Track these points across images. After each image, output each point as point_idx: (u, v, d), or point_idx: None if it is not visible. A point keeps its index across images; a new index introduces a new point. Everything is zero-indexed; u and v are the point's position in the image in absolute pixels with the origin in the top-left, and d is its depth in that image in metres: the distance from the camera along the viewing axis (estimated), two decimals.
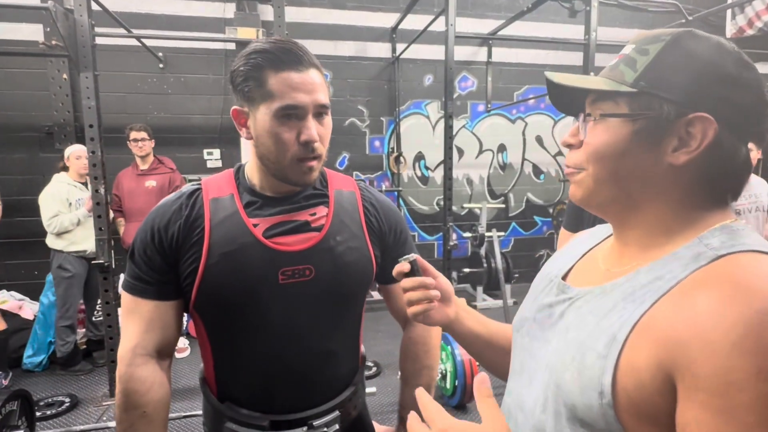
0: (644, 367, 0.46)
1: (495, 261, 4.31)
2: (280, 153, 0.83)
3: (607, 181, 0.57)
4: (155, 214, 0.88)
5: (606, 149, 0.56)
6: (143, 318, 0.87)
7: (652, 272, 0.53)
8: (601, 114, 0.56)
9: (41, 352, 3.45)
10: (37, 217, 3.34)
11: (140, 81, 4.33)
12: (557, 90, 0.62)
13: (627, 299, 0.52)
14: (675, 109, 0.51)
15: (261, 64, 0.80)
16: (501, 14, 5.03)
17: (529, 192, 5.62)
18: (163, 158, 3.78)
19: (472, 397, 2.78)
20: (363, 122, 5.00)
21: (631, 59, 0.55)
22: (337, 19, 4.74)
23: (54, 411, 2.85)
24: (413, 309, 0.75)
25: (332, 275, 0.89)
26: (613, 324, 0.51)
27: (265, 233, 0.86)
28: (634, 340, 0.48)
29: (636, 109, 0.54)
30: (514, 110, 5.42)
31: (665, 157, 0.53)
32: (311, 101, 0.81)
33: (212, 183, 0.92)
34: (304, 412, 0.91)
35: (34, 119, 4.10)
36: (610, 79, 0.56)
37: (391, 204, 1.04)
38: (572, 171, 0.61)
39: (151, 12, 4.26)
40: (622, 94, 0.54)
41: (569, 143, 0.61)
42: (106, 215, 2.86)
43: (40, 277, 3.92)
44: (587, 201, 0.60)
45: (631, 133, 0.54)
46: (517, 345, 0.69)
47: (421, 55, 4.91)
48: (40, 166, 4.10)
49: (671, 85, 0.52)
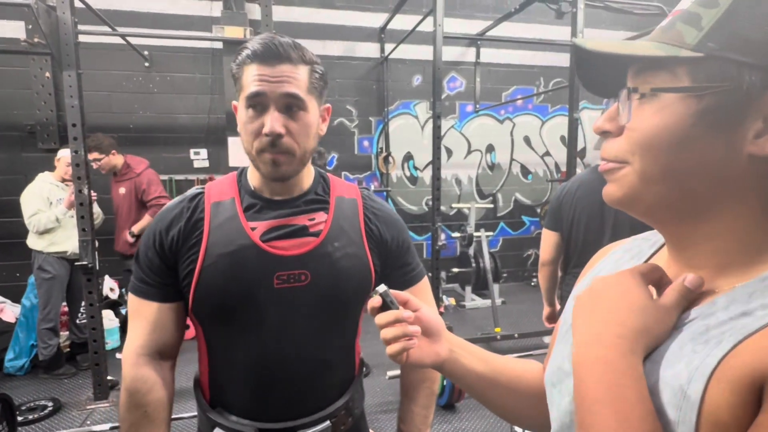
0: (730, 420, 0.35)
1: (483, 261, 4.33)
2: (248, 144, 0.84)
3: (660, 179, 0.43)
4: (158, 218, 0.90)
5: (659, 136, 0.42)
6: (147, 319, 0.88)
7: (734, 305, 0.39)
8: (653, 89, 0.42)
9: (23, 356, 3.38)
10: (18, 218, 3.28)
11: (125, 80, 4.28)
12: (589, 62, 0.48)
13: (697, 340, 0.39)
14: (761, 78, 0.37)
15: (242, 59, 0.83)
16: (489, 15, 5.06)
17: (517, 192, 5.66)
18: (132, 161, 3.58)
19: (459, 397, 2.79)
20: (352, 122, 4.99)
21: (694, 15, 0.40)
22: (326, 18, 4.73)
23: (36, 415, 2.79)
24: (390, 349, 0.61)
25: (328, 281, 0.88)
26: (679, 374, 0.38)
27: (263, 237, 0.86)
28: (712, 393, 0.36)
29: (703, 81, 0.39)
30: (502, 111, 5.45)
31: (745, 145, 0.39)
32: (275, 92, 0.80)
33: (215, 187, 0.93)
34: (294, 421, 0.89)
35: (16, 118, 4.03)
36: (665, 42, 0.41)
37: (393, 213, 1.03)
38: (612, 166, 0.46)
39: (136, 10, 4.20)
40: (683, 60, 0.40)
41: (605, 129, 0.46)
42: (89, 216, 2.81)
43: (21, 279, 3.85)
44: (630, 204, 0.46)
45: (696, 113, 0.40)
46: (554, 404, 0.54)
47: (410, 55, 4.92)
48: (22, 165, 4.03)
49: (754, 46, 0.37)
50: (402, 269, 1.00)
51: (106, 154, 3.43)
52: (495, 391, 0.67)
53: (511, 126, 5.51)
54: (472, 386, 0.68)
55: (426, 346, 0.65)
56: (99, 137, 3.42)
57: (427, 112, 5.17)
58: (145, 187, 3.52)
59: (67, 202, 3.18)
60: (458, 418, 2.80)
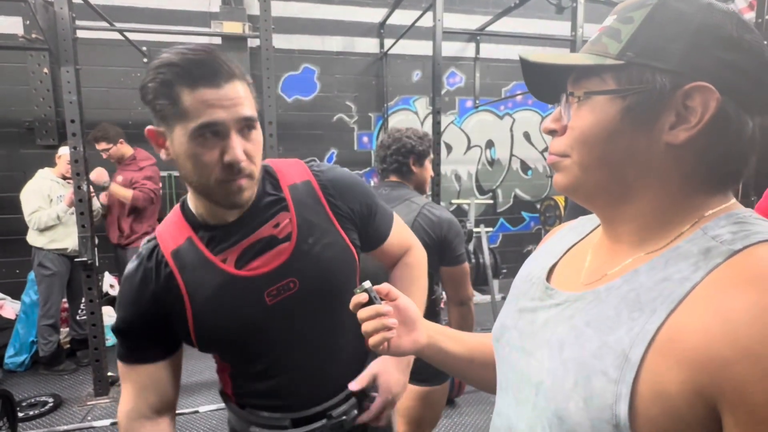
0: (677, 393, 0.39)
1: (483, 256, 4.33)
2: (203, 176, 0.76)
3: (595, 167, 0.50)
4: (124, 288, 0.86)
5: (593, 132, 0.49)
6: (135, 383, 0.87)
7: (654, 271, 0.46)
8: (586, 92, 0.50)
9: (23, 352, 3.39)
10: (18, 215, 3.28)
11: (124, 75, 4.26)
12: (534, 72, 0.55)
13: (632, 307, 0.45)
14: (670, 80, 0.45)
15: (170, 80, 0.72)
16: (488, 10, 5.03)
17: (516, 188, 5.65)
18: (140, 154, 3.56)
19: (459, 391, 2.80)
20: (351, 118, 4.97)
21: (615, 30, 0.49)
22: (325, 13, 4.70)
23: (37, 411, 2.80)
24: (371, 340, 0.69)
25: (316, 278, 0.88)
26: (621, 339, 0.44)
27: (237, 264, 0.84)
28: (653, 360, 0.41)
29: (624, 84, 0.47)
30: (502, 106, 5.43)
31: (662, 135, 0.46)
32: (232, 117, 0.73)
33: (166, 232, 0.87)
34: (321, 405, 0.93)
35: (14, 114, 4.01)
36: (593, 53, 0.49)
37: (347, 176, 0.97)
38: (556, 159, 0.54)
39: (134, 5, 4.18)
40: (608, 67, 0.48)
41: (551, 129, 0.54)
42: (89, 212, 2.81)
43: (21, 276, 3.84)
44: (573, 190, 0.53)
45: (621, 111, 0.47)
46: (499, 357, 0.62)
47: (409, 50, 4.90)
48: (21, 162, 4.01)
49: (663, 53, 0.45)
50: (375, 228, 1.01)
51: (114, 143, 3.42)
52: (472, 368, 0.74)
53: (510, 122, 5.49)
54: (452, 367, 0.75)
55: (405, 334, 0.72)
56: (105, 127, 3.40)
57: (426, 107, 5.15)
58: (142, 179, 3.45)
59: (68, 199, 3.18)
60: (458, 412, 2.81)
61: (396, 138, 1.68)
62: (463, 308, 1.68)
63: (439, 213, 1.58)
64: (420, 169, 1.71)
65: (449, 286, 1.66)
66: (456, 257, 1.60)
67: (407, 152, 1.66)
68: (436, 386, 1.66)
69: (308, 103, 4.78)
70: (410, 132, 1.69)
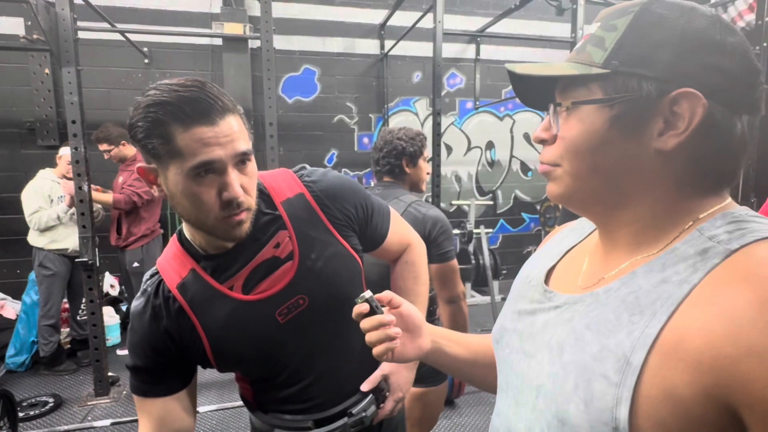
0: (687, 395, 0.39)
1: (483, 257, 4.33)
2: (201, 213, 0.76)
3: (587, 176, 0.50)
4: (135, 327, 0.85)
5: (583, 141, 0.49)
6: (152, 416, 0.86)
7: (652, 274, 0.46)
8: (573, 102, 0.50)
9: (24, 352, 3.39)
10: (18, 215, 3.28)
11: (125, 76, 4.26)
12: (522, 83, 0.56)
13: (632, 310, 0.45)
14: (656, 87, 0.45)
15: (163, 119, 0.69)
16: (489, 11, 5.04)
17: (517, 189, 5.65)
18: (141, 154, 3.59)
19: (459, 392, 2.80)
20: (351, 119, 4.98)
21: (599, 38, 0.48)
22: (325, 14, 4.71)
23: (37, 411, 2.80)
24: (375, 351, 0.68)
25: (324, 292, 0.89)
26: (621, 343, 0.44)
27: (245, 290, 0.85)
28: (657, 363, 0.41)
29: (611, 92, 0.47)
30: (502, 107, 5.44)
31: (651, 142, 0.47)
32: (229, 153, 0.73)
33: (168, 266, 0.87)
34: (341, 404, 0.95)
35: (15, 115, 4.02)
36: (578, 62, 0.49)
37: (338, 183, 0.95)
38: (547, 168, 0.54)
39: (135, 6, 4.19)
40: (593, 77, 0.48)
41: (542, 139, 0.54)
42: (89, 212, 2.81)
43: (22, 276, 3.85)
44: (567, 198, 0.53)
45: (609, 119, 0.47)
46: (499, 359, 0.63)
47: (410, 51, 4.90)
48: (22, 162, 4.02)
49: (648, 60, 0.45)
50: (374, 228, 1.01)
51: (116, 145, 3.40)
52: (476, 370, 0.74)
53: (511, 123, 5.50)
54: (456, 370, 0.76)
55: (409, 341, 0.72)
56: (108, 128, 3.39)
57: (426, 108, 5.16)
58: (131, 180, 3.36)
59: (68, 200, 3.18)
60: (458, 413, 2.81)
61: (387, 140, 1.68)
62: (453, 306, 1.66)
63: (425, 210, 1.57)
64: (414, 169, 1.71)
65: (437, 284, 1.64)
66: (442, 254, 1.59)
67: (399, 154, 1.67)
68: (433, 387, 1.66)
69: (309, 104, 4.78)
70: (401, 133, 1.69)
